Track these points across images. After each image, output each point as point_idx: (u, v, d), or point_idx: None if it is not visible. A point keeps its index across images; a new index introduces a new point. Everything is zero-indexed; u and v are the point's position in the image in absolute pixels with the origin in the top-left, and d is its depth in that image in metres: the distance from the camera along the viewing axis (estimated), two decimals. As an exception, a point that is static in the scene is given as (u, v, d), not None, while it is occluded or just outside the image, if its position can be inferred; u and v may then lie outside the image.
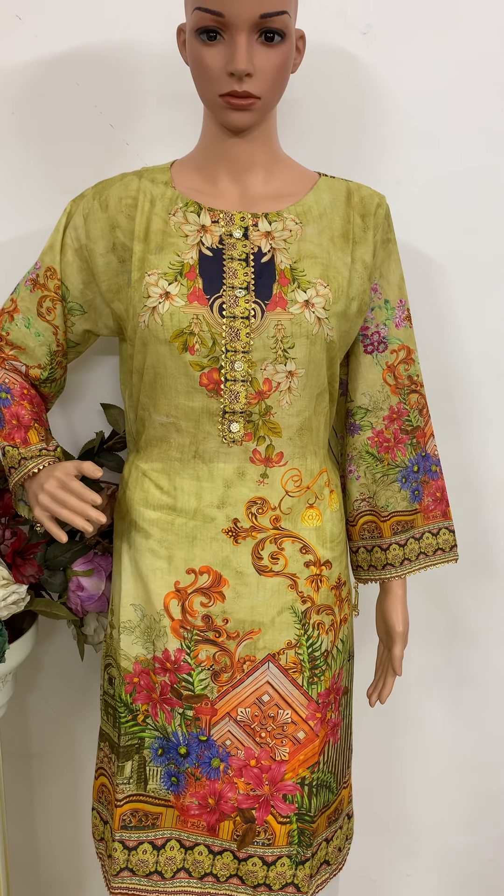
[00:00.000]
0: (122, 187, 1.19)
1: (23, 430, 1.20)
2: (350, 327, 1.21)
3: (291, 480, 1.19)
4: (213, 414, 1.16)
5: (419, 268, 1.47)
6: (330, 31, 1.39)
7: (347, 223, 1.19)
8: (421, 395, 1.31)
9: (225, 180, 1.19)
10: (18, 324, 1.24)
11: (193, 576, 1.19)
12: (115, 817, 1.22)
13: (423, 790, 1.71)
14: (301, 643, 1.19)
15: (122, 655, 1.22)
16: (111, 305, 1.21)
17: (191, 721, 1.19)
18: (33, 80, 1.40)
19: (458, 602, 1.63)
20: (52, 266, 1.22)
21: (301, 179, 1.22)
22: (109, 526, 1.35)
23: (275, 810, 1.19)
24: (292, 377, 1.16)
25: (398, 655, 1.32)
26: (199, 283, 1.14)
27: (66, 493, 1.12)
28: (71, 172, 1.40)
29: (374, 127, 1.44)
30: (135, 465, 1.25)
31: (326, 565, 1.21)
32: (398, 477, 1.29)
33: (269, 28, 1.07)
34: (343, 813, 1.30)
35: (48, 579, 1.35)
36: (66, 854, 1.71)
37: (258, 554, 1.18)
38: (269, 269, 1.15)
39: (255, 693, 1.19)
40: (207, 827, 1.21)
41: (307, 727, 1.19)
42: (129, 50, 1.39)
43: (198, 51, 1.09)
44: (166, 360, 1.15)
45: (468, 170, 1.46)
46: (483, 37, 1.41)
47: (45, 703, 1.64)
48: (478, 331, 1.53)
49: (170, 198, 1.18)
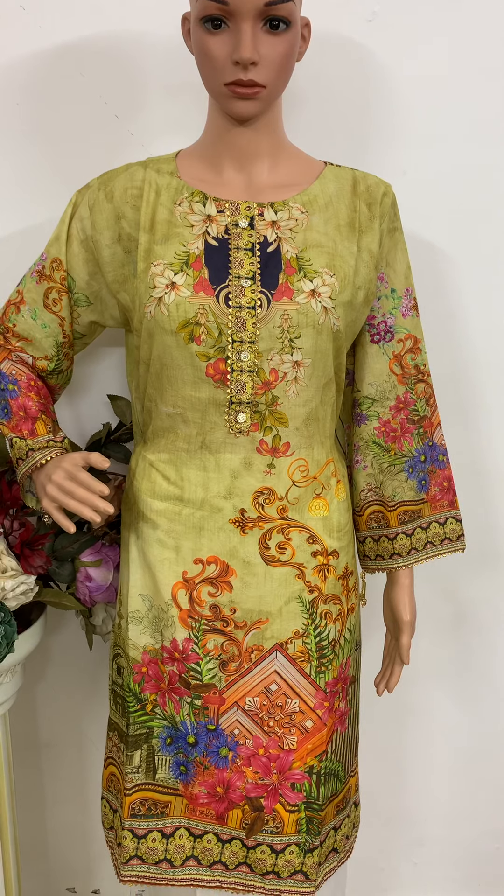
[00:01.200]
0: (128, 178, 1.19)
1: (30, 421, 1.20)
2: (356, 317, 1.20)
3: (298, 470, 1.19)
4: (219, 404, 1.16)
5: (426, 257, 1.47)
6: (335, 19, 1.38)
7: (353, 212, 1.19)
8: (428, 384, 1.30)
9: (230, 170, 1.19)
10: (25, 315, 1.24)
11: (201, 566, 1.19)
12: (125, 806, 1.23)
13: (430, 779, 1.72)
14: (308, 633, 1.19)
15: (130, 645, 1.23)
16: (117, 296, 1.21)
17: (199, 710, 1.20)
18: (38, 71, 1.39)
19: (465, 591, 1.63)
20: (58, 257, 1.22)
21: (307, 168, 1.21)
22: (117, 517, 1.35)
23: (283, 799, 1.20)
24: (299, 367, 1.16)
25: (405, 645, 1.32)
26: (204, 273, 1.13)
27: (73, 483, 1.12)
28: (76, 163, 1.40)
29: (380, 115, 1.43)
30: (142, 456, 1.25)
31: (333, 555, 1.22)
32: (405, 467, 1.29)
33: (274, 16, 1.07)
34: (350, 801, 1.30)
35: (56, 570, 1.35)
36: (75, 843, 1.72)
37: (265, 544, 1.18)
38: (275, 259, 1.14)
39: (263, 682, 1.19)
40: (216, 815, 1.22)
41: (315, 716, 1.20)
42: (134, 40, 1.39)
43: (202, 40, 1.09)
44: (172, 351, 1.15)
45: (475, 159, 1.45)
46: (489, 24, 1.40)
47: (53, 694, 1.65)
48: (485, 320, 1.52)
49: (175, 188, 1.18)
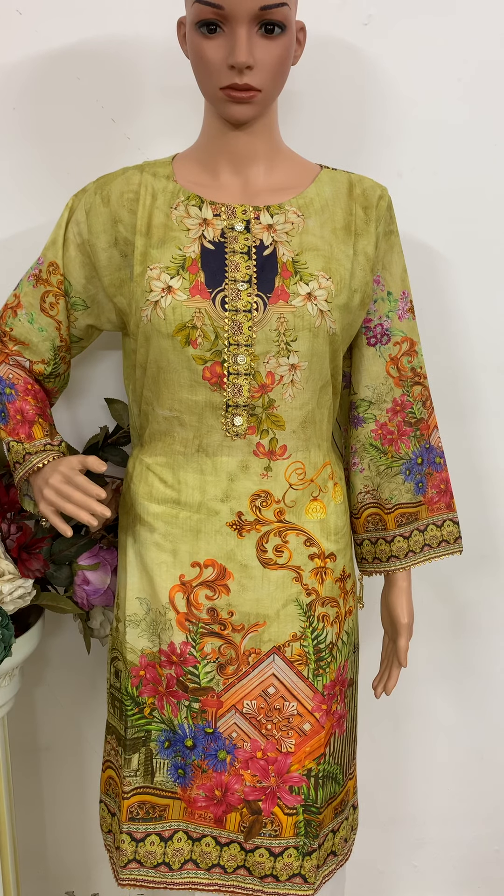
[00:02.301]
0: (124, 181, 1.19)
1: (27, 425, 1.20)
2: (353, 320, 1.20)
3: (295, 473, 1.19)
4: (216, 408, 1.16)
5: (422, 260, 1.47)
6: (331, 23, 1.38)
7: (349, 215, 1.19)
8: (424, 386, 1.30)
9: (226, 173, 1.19)
10: (22, 319, 1.25)
11: (198, 569, 1.19)
12: (123, 809, 1.23)
13: (428, 781, 1.72)
14: (306, 635, 1.20)
15: (128, 649, 1.23)
16: (114, 300, 1.22)
17: (197, 713, 1.20)
18: (34, 74, 1.39)
19: (462, 594, 1.63)
20: (55, 261, 1.22)
21: (303, 172, 1.21)
22: (114, 520, 1.35)
23: (281, 802, 1.20)
24: (295, 370, 1.16)
25: (403, 647, 1.32)
26: (201, 276, 1.14)
27: (70, 487, 1.12)
28: (72, 167, 1.40)
29: (376, 118, 1.43)
30: (139, 460, 1.25)
31: (331, 558, 1.22)
32: (402, 469, 1.29)
33: (269, 20, 1.07)
34: (349, 804, 1.30)
35: (54, 574, 1.35)
36: (74, 846, 1.72)
37: (262, 547, 1.18)
38: (271, 262, 1.15)
39: (261, 685, 1.19)
40: (214, 819, 1.22)
41: (313, 719, 1.20)
42: (130, 44, 1.39)
43: (198, 44, 1.09)
44: (169, 355, 1.15)
45: (470, 160, 1.45)
46: (484, 26, 1.41)
47: (51, 697, 1.65)
48: (481, 322, 1.52)
49: (171, 191, 1.18)
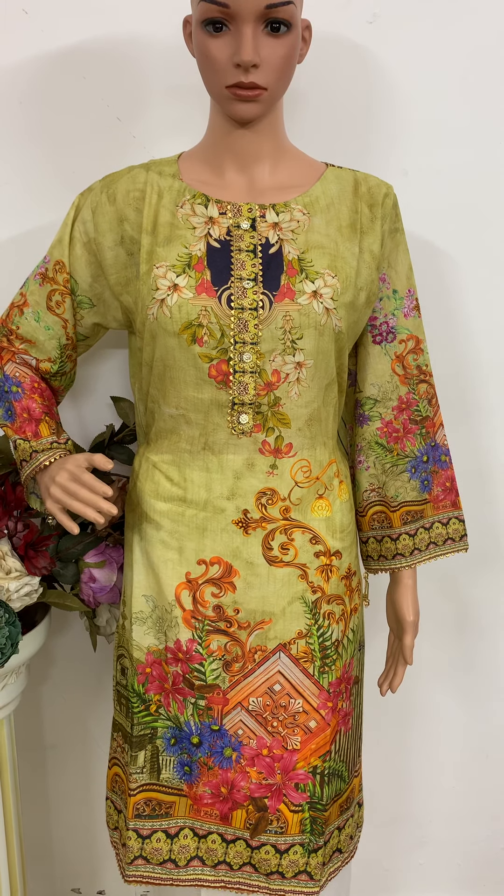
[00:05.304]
0: (130, 180, 1.19)
1: (34, 423, 1.21)
2: (358, 318, 1.21)
3: (301, 471, 1.20)
4: (222, 405, 1.16)
5: (427, 258, 1.47)
6: (336, 21, 1.39)
7: (355, 213, 1.19)
8: (430, 384, 1.30)
9: (232, 172, 1.19)
10: (28, 318, 1.25)
11: (204, 566, 1.19)
12: (129, 806, 1.23)
13: (434, 779, 1.72)
14: (312, 633, 1.20)
15: (134, 646, 1.23)
16: (120, 298, 1.22)
17: (203, 711, 1.20)
18: (40, 74, 1.40)
19: (468, 591, 1.63)
20: (61, 260, 1.23)
21: (308, 170, 1.22)
22: (121, 518, 1.35)
23: (287, 799, 1.20)
24: (301, 368, 1.16)
25: (409, 645, 1.32)
26: (207, 274, 1.14)
27: (77, 485, 1.12)
28: (78, 166, 1.40)
29: (382, 117, 1.43)
30: (145, 458, 1.25)
31: (336, 555, 1.22)
32: (407, 467, 1.29)
33: (274, 18, 1.07)
34: (354, 801, 1.31)
35: (60, 571, 1.36)
36: (80, 843, 1.72)
37: (268, 544, 1.18)
38: (277, 260, 1.15)
39: (267, 682, 1.19)
40: (220, 816, 1.22)
41: (318, 716, 1.20)
42: (136, 43, 1.39)
43: (204, 42, 1.09)
44: (175, 353, 1.15)
45: (476, 159, 1.45)
46: (489, 24, 1.41)
47: (58, 695, 1.65)
48: (487, 320, 1.52)
49: (177, 190, 1.18)
